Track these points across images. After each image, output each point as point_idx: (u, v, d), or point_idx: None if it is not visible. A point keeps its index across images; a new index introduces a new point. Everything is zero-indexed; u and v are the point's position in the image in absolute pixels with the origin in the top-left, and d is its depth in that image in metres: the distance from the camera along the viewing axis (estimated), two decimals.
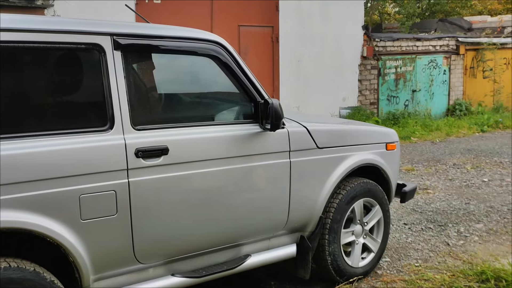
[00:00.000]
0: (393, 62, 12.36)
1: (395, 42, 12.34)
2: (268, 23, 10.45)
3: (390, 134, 4.04)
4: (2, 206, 2.30)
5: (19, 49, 2.42)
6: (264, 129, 3.12)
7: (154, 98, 3.03)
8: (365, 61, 11.89)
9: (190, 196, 2.88)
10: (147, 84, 2.95)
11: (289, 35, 10.58)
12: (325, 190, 3.49)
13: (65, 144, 2.49)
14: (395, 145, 4.02)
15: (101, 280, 2.70)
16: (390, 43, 12.25)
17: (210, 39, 3.00)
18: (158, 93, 3.06)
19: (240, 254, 3.23)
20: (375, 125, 4.35)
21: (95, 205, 2.55)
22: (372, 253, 3.90)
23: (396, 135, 4.11)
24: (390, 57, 12.30)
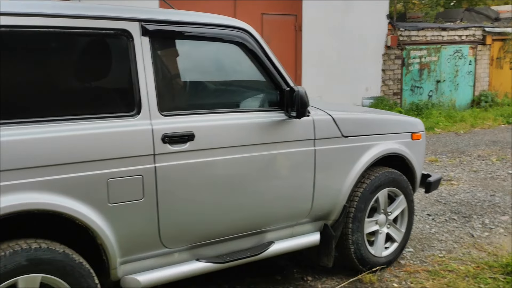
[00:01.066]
0: (417, 52, 12.19)
1: (420, 31, 12.17)
2: (291, 11, 10.39)
3: (415, 124, 4.00)
4: (34, 188, 2.34)
5: (50, 35, 2.45)
6: (290, 117, 3.12)
7: (180, 84, 3.05)
8: (389, 50, 11.75)
9: (215, 182, 2.89)
10: (173, 70, 2.96)
11: (313, 23, 10.50)
12: (350, 179, 3.48)
13: (94, 128, 2.52)
14: (421, 135, 3.98)
15: (128, 263, 2.74)
16: (414, 33, 12.09)
17: (237, 26, 3.00)
18: (184, 79, 3.07)
19: (264, 241, 3.24)
20: (401, 114, 4.31)
21: (122, 189, 2.58)
22: (396, 243, 3.88)
23: (422, 125, 4.07)
24: (415, 47, 12.14)
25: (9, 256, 2.31)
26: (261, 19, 10.04)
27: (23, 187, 2.32)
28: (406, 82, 12.15)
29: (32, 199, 2.34)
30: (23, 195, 2.32)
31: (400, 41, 11.80)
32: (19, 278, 2.34)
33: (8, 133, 2.30)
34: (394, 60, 11.86)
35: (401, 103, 12.07)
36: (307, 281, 3.67)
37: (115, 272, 2.69)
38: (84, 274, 2.52)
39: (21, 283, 2.35)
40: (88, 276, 2.54)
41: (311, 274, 3.76)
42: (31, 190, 2.34)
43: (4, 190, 2.27)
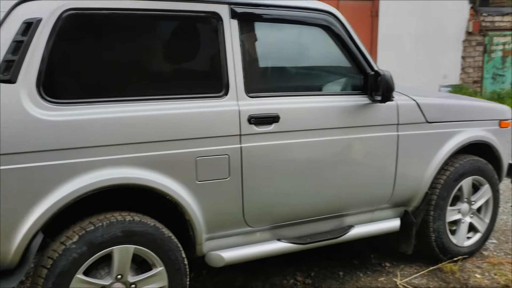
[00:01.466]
0: (501, 39, 11.60)
1: (504, 16, 11.55)
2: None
3: (504, 111, 3.85)
4: (129, 164, 2.47)
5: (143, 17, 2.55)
6: (374, 101, 3.09)
7: (266, 66, 3.09)
8: (470, 37, 11.26)
9: (298, 164, 2.93)
10: (260, 52, 3.00)
11: (389, 9, 10.24)
12: (433, 166, 3.41)
13: (184, 108, 2.61)
14: (509, 123, 3.82)
15: (212, 240, 2.83)
16: (498, 18, 11.50)
17: (324, 9, 3.00)
18: (270, 62, 3.11)
19: (344, 224, 3.25)
20: (488, 101, 4.15)
21: (210, 167, 2.67)
22: (479, 233, 3.77)
23: (510, 112, 3.90)
24: (498, 33, 11.55)
25: (106, 226, 2.46)
26: (337, 5, 9.90)
27: (119, 162, 2.45)
28: (487, 70, 11.62)
29: (128, 173, 2.47)
30: (119, 169, 2.46)
31: (482, 27, 11.27)
32: (115, 248, 2.49)
33: (105, 111, 2.43)
34: (475, 46, 11.35)
35: (481, 91, 11.57)
36: (385, 267, 3.64)
37: (201, 248, 2.79)
38: (173, 248, 2.64)
39: (116, 252, 2.50)
40: (176, 250, 2.65)
41: (389, 261, 3.73)
42: (126, 166, 2.47)
43: (103, 164, 2.41)
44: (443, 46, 10.96)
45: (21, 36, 2.26)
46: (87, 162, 2.39)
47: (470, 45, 11.32)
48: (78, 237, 2.41)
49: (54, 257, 2.38)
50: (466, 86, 11.27)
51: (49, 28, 2.32)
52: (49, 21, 2.31)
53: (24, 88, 2.27)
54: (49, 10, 2.32)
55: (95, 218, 2.49)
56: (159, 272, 2.62)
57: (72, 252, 2.39)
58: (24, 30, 2.27)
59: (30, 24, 2.28)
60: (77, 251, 2.40)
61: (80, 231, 2.43)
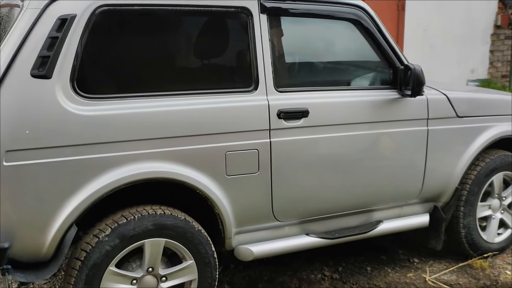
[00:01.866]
0: None
1: None
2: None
3: None
4: (160, 158, 2.50)
5: (175, 12, 2.57)
6: (403, 95, 3.07)
7: (295, 61, 3.08)
8: (499, 30, 11.04)
9: (327, 159, 2.92)
10: (289, 47, 2.99)
11: (416, 3, 10.10)
12: (463, 161, 3.37)
13: (214, 103, 2.63)
14: None
15: (241, 234, 2.85)
16: None
17: (353, 3, 2.99)
18: (299, 57, 3.10)
19: (372, 219, 3.23)
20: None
21: (239, 162, 2.68)
22: (510, 229, 3.72)
23: None
24: None
25: (137, 220, 2.50)
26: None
27: (151, 156, 2.49)
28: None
29: (159, 167, 2.50)
30: (151, 163, 2.49)
31: (511, 20, 11.05)
32: (146, 241, 2.53)
33: (138, 106, 2.47)
34: (503, 40, 11.13)
35: (510, 86, 11.35)
36: (413, 263, 3.62)
37: (230, 242, 2.82)
38: (203, 241, 2.66)
39: (148, 245, 2.54)
40: (206, 244, 2.68)
41: (417, 256, 3.70)
42: (158, 160, 2.51)
43: (135, 158, 2.45)
44: (470, 40, 10.78)
45: (56, 32, 2.31)
46: (119, 156, 2.43)
47: (499, 39, 11.10)
48: (111, 230, 2.46)
49: (88, 250, 2.43)
50: (494, 80, 11.07)
51: (83, 24, 2.36)
52: (83, 17, 2.35)
53: (59, 83, 2.31)
54: (83, 7, 2.36)
55: (127, 211, 2.53)
56: (189, 265, 2.65)
57: (105, 244, 2.44)
58: (59, 26, 2.31)
59: (64, 20, 2.32)
60: (109, 243, 2.44)
61: (113, 224, 2.48)
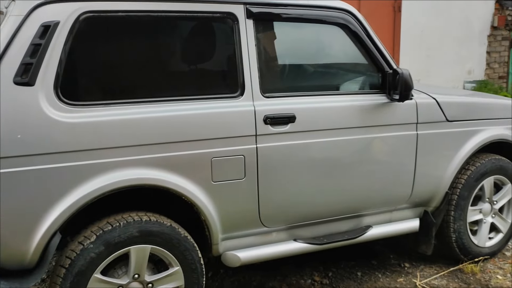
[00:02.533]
0: None
1: None
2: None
3: None
4: (145, 164, 2.49)
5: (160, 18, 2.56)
6: (392, 100, 3.06)
7: (282, 66, 3.07)
8: (495, 31, 11.04)
9: (314, 164, 2.91)
10: (275, 52, 2.99)
11: (412, 4, 10.09)
12: (453, 165, 3.35)
13: (199, 109, 2.62)
14: None
15: (228, 240, 2.84)
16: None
17: (340, 7, 2.97)
18: (286, 62, 3.09)
19: (362, 224, 3.22)
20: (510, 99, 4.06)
21: (225, 168, 2.67)
22: (501, 233, 3.70)
23: None
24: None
25: (123, 226, 2.49)
26: (359, 1, 9.81)
27: (136, 163, 2.47)
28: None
29: (144, 174, 2.49)
30: (136, 170, 2.48)
31: (508, 21, 11.04)
32: (131, 247, 2.52)
33: (122, 112, 2.45)
34: (500, 41, 11.13)
35: (507, 87, 11.33)
36: (404, 268, 3.60)
37: (217, 248, 2.81)
38: (189, 248, 2.65)
39: (133, 252, 2.52)
40: (192, 250, 2.67)
41: (408, 261, 3.69)
42: (142, 166, 2.49)
43: (120, 165, 2.44)
44: (467, 41, 10.77)
45: (39, 39, 2.30)
46: (104, 163, 2.42)
47: (496, 40, 11.09)
48: (96, 237, 2.45)
49: (72, 257, 2.42)
50: (491, 81, 11.06)
51: (67, 31, 2.35)
52: (66, 23, 2.34)
53: (42, 91, 2.30)
54: (66, 13, 2.35)
55: (113, 218, 2.53)
56: (176, 271, 2.64)
57: (90, 251, 2.43)
58: (42, 33, 2.30)
59: (48, 27, 2.31)
60: (94, 250, 2.43)
61: (98, 231, 2.47)
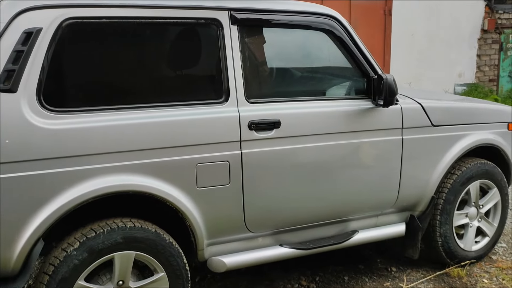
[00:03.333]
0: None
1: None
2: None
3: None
4: (129, 171, 2.49)
5: (143, 25, 2.56)
6: (377, 105, 3.07)
7: (267, 72, 3.08)
8: (486, 34, 11.11)
9: (300, 169, 2.92)
10: (260, 58, 3.00)
11: (403, 7, 10.15)
12: (439, 170, 3.37)
13: (184, 115, 2.62)
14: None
15: (214, 246, 2.84)
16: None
17: (325, 13, 2.98)
18: (271, 67, 3.11)
19: (348, 229, 3.23)
20: (496, 103, 4.10)
21: (210, 174, 2.67)
22: (487, 237, 3.72)
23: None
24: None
25: (106, 233, 2.48)
26: (349, 4, 9.85)
27: (120, 169, 2.47)
28: (503, 68, 11.44)
29: (128, 180, 2.49)
30: (121, 177, 2.48)
31: (498, 25, 11.12)
32: (116, 254, 2.51)
33: (106, 119, 2.45)
34: (491, 44, 11.20)
35: (497, 90, 11.40)
36: (391, 272, 3.61)
37: (202, 253, 2.80)
38: (174, 254, 2.65)
39: (117, 259, 2.52)
40: (177, 256, 2.66)
41: (395, 265, 3.70)
42: (127, 173, 2.49)
43: (104, 171, 2.43)
44: (458, 44, 10.83)
45: (22, 46, 2.29)
46: (88, 170, 2.41)
47: (486, 43, 11.16)
48: (79, 243, 2.44)
49: (56, 264, 2.41)
50: (481, 84, 11.12)
51: (49, 38, 2.34)
52: (49, 30, 2.34)
53: (25, 98, 2.30)
54: (49, 20, 2.34)
55: (97, 224, 2.52)
56: (160, 277, 2.64)
57: (73, 258, 2.42)
58: (25, 39, 2.30)
59: (30, 34, 2.31)
60: (78, 257, 2.43)
61: (82, 237, 2.46)
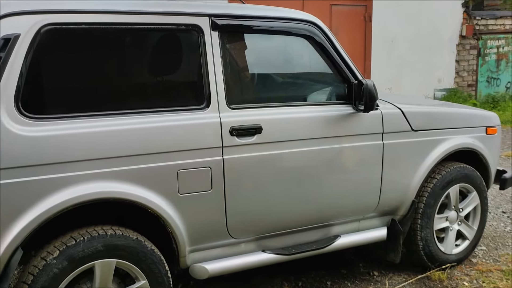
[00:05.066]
0: (494, 42, 11.63)
1: (498, 20, 11.59)
2: (361, 1, 10.21)
3: (490, 118, 3.85)
4: (110, 178, 2.47)
5: (123, 31, 2.55)
6: (357, 110, 3.09)
7: (248, 77, 3.09)
8: (464, 40, 11.29)
9: (282, 175, 2.92)
10: (241, 64, 3.01)
11: (383, 13, 10.27)
12: (419, 174, 3.40)
13: (165, 121, 2.61)
14: (496, 129, 3.82)
15: (196, 252, 2.82)
16: (492, 21, 11.53)
17: (305, 19, 3.00)
18: (252, 73, 3.11)
19: (330, 234, 3.24)
20: (475, 108, 4.16)
21: (192, 180, 2.66)
22: (467, 240, 3.76)
23: (498, 119, 3.90)
24: (492, 36, 11.58)
25: (87, 241, 2.45)
26: (330, 10, 9.93)
27: (99, 177, 2.44)
28: (481, 73, 11.64)
29: (108, 187, 2.46)
30: (100, 184, 2.45)
31: (476, 31, 11.31)
32: (96, 262, 2.48)
33: (86, 125, 2.43)
34: (469, 50, 11.39)
35: (476, 95, 11.58)
36: (373, 276, 3.63)
37: (184, 260, 2.79)
38: (156, 261, 2.63)
39: (98, 267, 2.49)
40: (159, 263, 2.64)
41: (377, 269, 3.72)
42: (107, 180, 2.47)
43: (83, 179, 2.41)
44: (437, 49, 10.99)
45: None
46: (67, 177, 2.38)
47: (464, 49, 11.35)
48: (59, 252, 2.40)
49: (35, 273, 2.37)
50: (460, 89, 11.29)
51: (27, 44, 2.31)
52: (27, 36, 2.31)
53: (3, 104, 2.26)
54: (27, 26, 2.32)
55: (77, 232, 2.49)
56: (142, 285, 2.61)
57: (53, 267, 2.38)
58: (2, 46, 2.27)
59: (8, 40, 2.28)
60: (57, 266, 2.39)
61: (61, 246, 2.43)
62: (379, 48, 10.36)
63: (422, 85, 10.75)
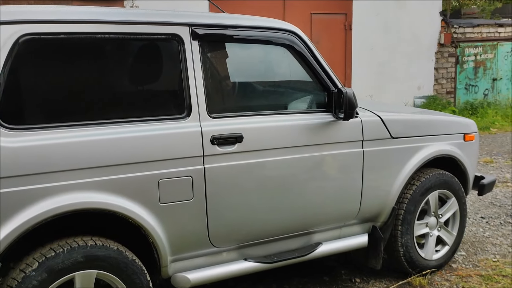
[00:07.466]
0: (472, 50, 11.83)
1: (475, 28, 11.80)
2: (341, 10, 10.30)
3: (468, 125, 3.91)
4: (90, 188, 2.45)
5: (103, 40, 2.55)
6: (337, 118, 3.12)
7: (229, 86, 3.10)
8: (442, 48, 11.46)
9: (263, 183, 2.93)
10: (222, 73, 3.02)
11: (363, 22, 10.38)
12: (399, 181, 3.44)
13: (145, 130, 2.60)
14: (474, 136, 3.89)
15: (178, 262, 2.81)
16: (469, 30, 11.73)
17: (285, 28, 3.03)
18: (233, 82, 3.12)
19: (311, 242, 3.26)
20: (452, 115, 4.23)
21: (173, 189, 2.66)
22: (447, 246, 3.81)
23: (475, 126, 3.97)
24: (470, 44, 11.78)
25: (67, 252, 2.43)
26: (310, 19, 10.01)
27: (79, 187, 2.43)
28: (460, 81, 11.81)
29: (88, 198, 2.45)
30: (80, 194, 2.43)
31: (454, 39, 11.49)
32: (76, 273, 2.45)
33: (66, 135, 2.41)
34: (447, 58, 11.56)
35: (455, 102, 11.75)
36: (355, 283, 3.65)
37: (166, 270, 2.77)
38: (137, 271, 2.61)
39: (78, 278, 2.46)
40: (140, 273, 2.63)
41: (359, 276, 3.74)
42: (87, 190, 2.45)
43: (62, 189, 2.39)
44: (416, 57, 11.13)
45: None
46: (47, 188, 2.36)
47: (443, 57, 11.51)
48: (38, 264, 2.37)
49: (13, 285, 2.33)
50: (440, 97, 11.44)
51: (6, 54, 2.30)
52: (5, 46, 2.30)
53: None
54: (5, 36, 2.30)
55: (56, 243, 2.46)
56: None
57: (32, 279, 2.35)
58: None
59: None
60: (37, 278, 2.36)
61: (40, 257, 2.40)
62: (359, 56, 10.46)
63: (402, 92, 10.87)
